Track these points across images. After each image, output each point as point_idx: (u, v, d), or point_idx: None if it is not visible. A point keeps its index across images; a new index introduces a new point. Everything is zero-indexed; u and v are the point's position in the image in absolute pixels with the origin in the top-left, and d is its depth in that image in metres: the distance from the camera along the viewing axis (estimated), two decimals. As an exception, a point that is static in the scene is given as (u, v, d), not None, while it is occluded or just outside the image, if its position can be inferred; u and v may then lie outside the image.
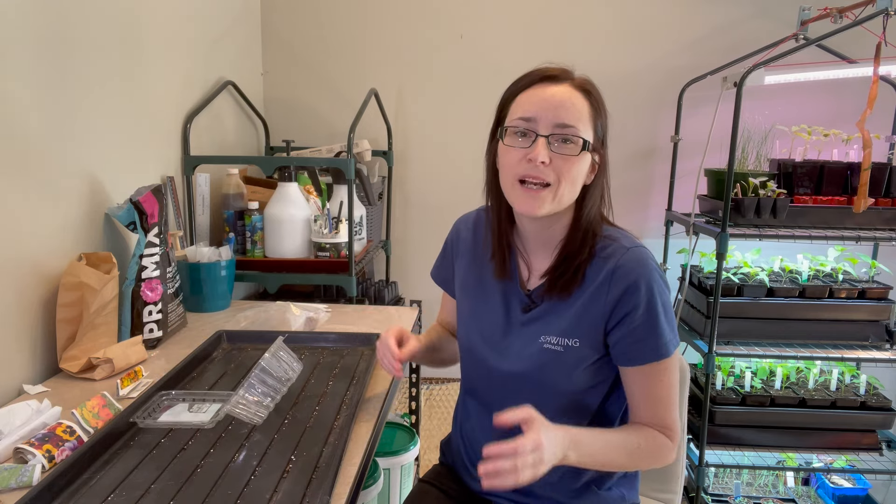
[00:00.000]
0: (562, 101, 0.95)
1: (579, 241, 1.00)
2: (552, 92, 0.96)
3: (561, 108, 0.94)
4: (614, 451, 0.97)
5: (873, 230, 2.07)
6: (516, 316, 1.05)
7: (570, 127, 0.94)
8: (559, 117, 0.94)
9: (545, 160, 0.93)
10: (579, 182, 0.98)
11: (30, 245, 1.25)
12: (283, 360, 1.19)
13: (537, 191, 0.95)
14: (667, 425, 1.00)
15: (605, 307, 0.97)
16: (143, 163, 1.67)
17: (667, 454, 1.00)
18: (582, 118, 0.95)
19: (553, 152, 0.94)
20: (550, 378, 1.01)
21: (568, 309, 1.00)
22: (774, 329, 2.10)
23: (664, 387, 0.99)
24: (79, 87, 1.38)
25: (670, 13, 2.40)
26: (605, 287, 0.97)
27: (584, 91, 0.97)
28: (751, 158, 2.17)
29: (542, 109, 0.95)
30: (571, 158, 0.95)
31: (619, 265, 0.97)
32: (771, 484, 2.40)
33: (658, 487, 1.33)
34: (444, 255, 1.22)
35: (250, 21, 2.41)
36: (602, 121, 0.99)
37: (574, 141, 0.95)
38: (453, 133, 2.51)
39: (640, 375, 0.99)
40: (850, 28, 1.85)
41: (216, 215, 2.01)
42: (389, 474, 1.74)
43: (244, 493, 0.88)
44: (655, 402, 1.00)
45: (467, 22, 2.45)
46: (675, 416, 1.01)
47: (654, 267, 0.97)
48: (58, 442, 0.96)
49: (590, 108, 0.97)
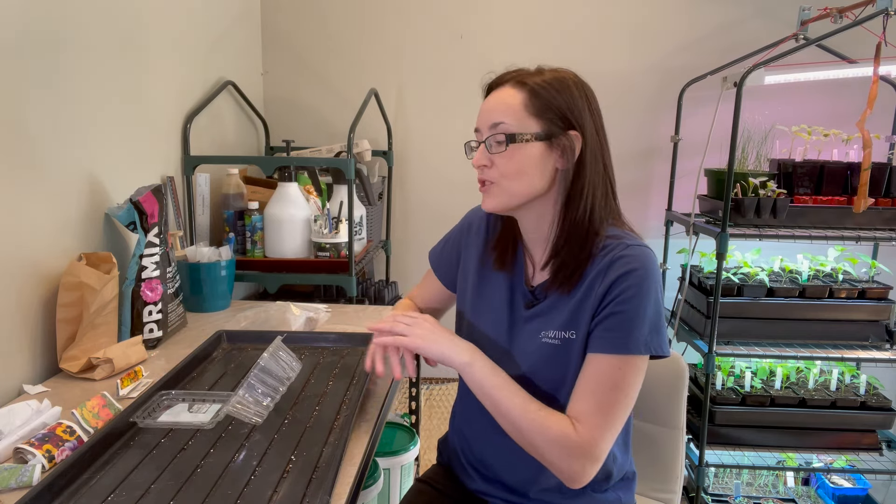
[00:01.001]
0: (493, 105, 0.99)
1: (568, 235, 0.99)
2: (489, 99, 1.01)
3: (492, 112, 0.99)
4: (515, 393, 0.95)
5: (873, 230, 2.07)
6: (519, 312, 1.06)
7: (498, 125, 0.97)
8: (490, 119, 0.99)
9: (485, 163, 1.00)
10: (531, 171, 0.97)
11: (30, 245, 1.25)
12: (282, 359, 1.19)
13: (488, 186, 1.01)
14: (584, 421, 0.92)
15: (595, 296, 0.97)
16: (143, 163, 1.67)
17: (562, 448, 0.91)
18: (510, 111, 0.97)
19: (491, 154, 0.99)
20: (549, 375, 1.01)
21: (568, 302, 1.00)
22: (774, 329, 2.10)
23: (610, 384, 0.92)
24: (79, 87, 1.38)
25: (670, 13, 2.40)
26: (601, 278, 0.96)
27: (519, 84, 0.98)
28: (751, 158, 2.17)
29: (481, 118, 1.01)
30: (506, 154, 0.97)
31: (617, 257, 0.96)
32: (771, 484, 2.40)
33: (658, 487, 1.33)
34: (447, 242, 1.22)
35: (250, 21, 2.41)
36: (559, 102, 0.96)
37: (500, 138, 0.97)
38: (453, 133, 2.51)
39: (594, 362, 0.95)
40: (850, 28, 1.85)
41: (216, 215, 2.01)
42: (389, 474, 1.74)
43: (244, 493, 0.88)
44: (590, 394, 0.93)
45: (467, 22, 2.45)
46: (600, 424, 0.92)
47: (652, 266, 0.96)
48: (58, 442, 0.96)
49: (525, 97, 0.96)
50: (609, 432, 0.93)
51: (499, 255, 1.09)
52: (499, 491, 1.10)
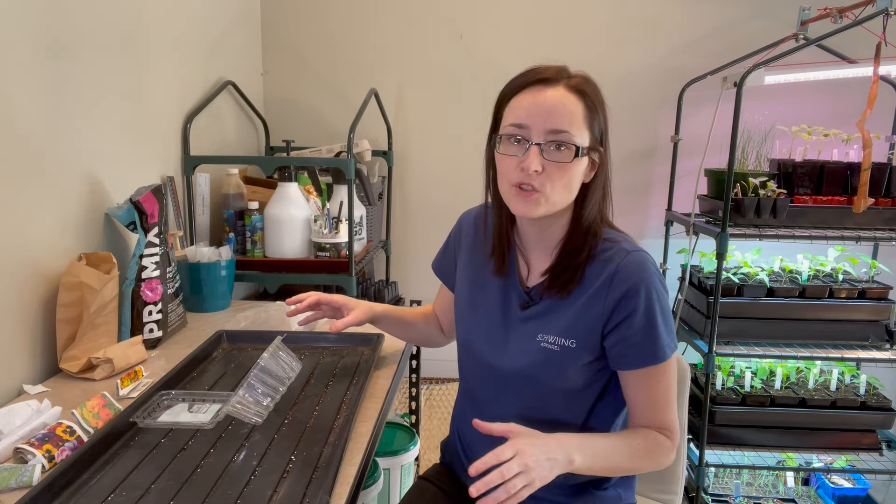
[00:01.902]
0: (554, 106, 0.93)
1: (580, 240, 1.00)
2: (545, 96, 0.94)
3: (554, 114, 0.93)
4: (617, 451, 0.97)
5: (873, 230, 2.07)
6: (515, 313, 1.05)
7: (562, 132, 0.93)
8: (551, 123, 0.93)
9: (538, 168, 0.93)
10: (575, 185, 0.97)
11: (30, 245, 1.25)
12: (282, 359, 1.19)
13: (531, 193, 0.95)
14: (665, 426, 1.00)
15: (603, 310, 0.97)
16: (143, 163, 1.67)
17: (666, 454, 1.00)
18: (575, 122, 0.94)
19: (546, 160, 0.94)
20: (545, 376, 1.01)
21: (567, 309, 1.00)
22: (774, 329, 2.10)
23: (661, 389, 0.99)
24: (79, 87, 1.38)
25: (670, 13, 2.40)
26: (605, 290, 0.97)
27: (578, 92, 0.95)
28: (751, 158, 2.17)
29: (534, 115, 0.94)
30: (565, 165, 0.94)
31: (620, 269, 0.96)
32: (771, 484, 2.40)
33: (659, 488, 1.33)
34: (446, 248, 1.23)
35: (250, 21, 2.41)
36: (600, 119, 0.97)
37: (567, 147, 0.93)
38: (453, 133, 2.51)
39: (637, 379, 0.99)
40: (850, 28, 1.85)
41: (216, 215, 2.01)
42: (389, 474, 1.74)
43: (244, 493, 0.88)
44: (653, 405, 1.00)
45: (467, 22, 2.45)
46: (674, 417, 1.01)
47: (654, 272, 0.97)
48: (58, 442, 0.96)
49: (585, 109, 0.95)
50: (676, 415, 1.02)
51: (497, 263, 1.08)
52: None
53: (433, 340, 1.34)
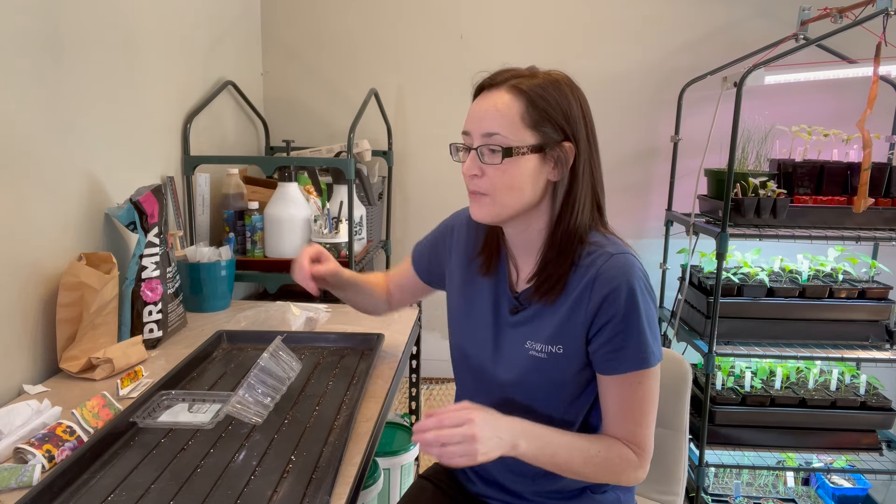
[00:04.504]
0: (487, 110, 0.93)
1: (558, 246, 0.98)
2: (482, 101, 0.95)
3: (486, 118, 0.93)
4: (570, 452, 0.94)
5: (873, 230, 2.07)
6: (504, 317, 1.05)
7: (493, 135, 0.92)
8: (483, 127, 0.93)
9: (476, 173, 0.94)
10: (523, 185, 0.94)
11: (30, 245, 1.25)
12: (282, 359, 1.19)
13: (479, 197, 0.96)
14: (636, 441, 0.97)
15: (586, 314, 0.95)
16: (143, 163, 1.67)
17: (630, 470, 0.96)
18: (506, 122, 0.91)
19: (483, 164, 0.94)
20: (536, 385, 1.00)
21: (553, 315, 0.99)
22: (774, 329, 2.10)
23: (638, 399, 0.96)
24: (79, 88, 1.38)
25: (670, 13, 2.40)
26: (587, 294, 0.95)
27: (517, 91, 0.92)
28: (751, 158, 2.17)
29: (473, 121, 0.95)
30: (501, 167, 0.92)
31: (601, 271, 0.94)
32: (771, 484, 2.40)
33: (659, 488, 1.33)
34: (435, 242, 1.21)
35: (250, 21, 2.41)
36: (555, 114, 0.93)
37: (496, 148, 0.92)
38: (453, 133, 2.49)
39: (615, 385, 0.96)
40: (850, 28, 1.85)
41: (216, 215, 2.01)
42: (389, 474, 1.74)
43: (244, 493, 0.88)
44: (626, 414, 0.96)
45: (467, 22, 2.45)
46: (647, 434, 0.97)
47: (638, 275, 0.94)
48: (58, 442, 0.96)
49: (523, 106, 0.92)
50: (652, 434, 0.99)
51: (484, 262, 1.08)
52: (498, 493, 1.11)
53: (378, 310, 1.35)
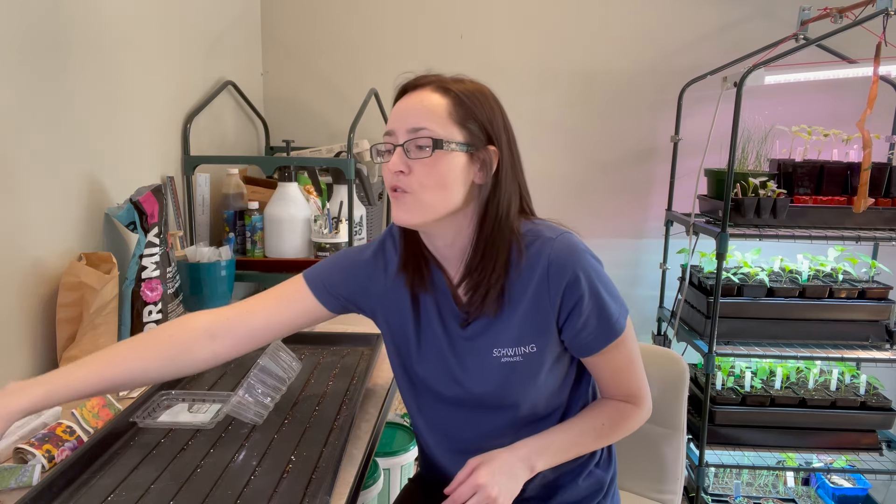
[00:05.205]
0: (413, 106, 0.92)
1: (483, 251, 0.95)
2: (407, 100, 0.94)
3: (412, 112, 0.91)
4: (580, 439, 1.00)
5: (873, 230, 2.07)
6: (455, 331, 1.00)
7: (420, 129, 0.90)
8: (409, 122, 0.91)
9: (402, 168, 0.90)
10: (450, 184, 0.91)
11: (30, 245, 1.25)
12: (281, 359, 1.19)
13: (401, 195, 0.91)
14: (632, 393, 1.03)
15: (551, 305, 0.94)
16: (143, 163, 1.67)
17: (635, 419, 1.04)
18: (434, 117, 0.90)
19: (410, 159, 0.90)
20: (516, 389, 0.97)
21: (512, 315, 0.96)
22: (774, 329, 2.10)
23: (624, 361, 1.00)
24: (79, 87, 1.38)
25: (670, 13, 2.40)
26: (545, 285, 0.93)
27: (443, 90, 0.92)
28: (751, 158, 2.17)
29: (396, 120, 0.93)
30: (430, 161, 0.89)
31: (552, 259, 0.93)
32: (771, 484, 2.40)
33: (658, 488, 1.33)
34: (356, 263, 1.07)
35: (250, 21, 2.41)
36: (480, 116, 0.92)
37: (423, 144, 0.90)
38: (453, 133, 2.51)
39: (601, 358, 0.99)
40: (850, 28, 1.85)
41: (216, 215, 2.01)
42: (389, 474, 1.74)
43: (244, 493, 0.88)
44: (619, 377, 1.02)
45: (467, 22, 2.45)
46: (641, 384, 1.03)
47: (583, 249, 0.94)
48: (58, 442, 0.96)
49: (450, 104, 0.91)
50: (645, 379, 1.04)
51: (409, 277, 1.01)
52: None
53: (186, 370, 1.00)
